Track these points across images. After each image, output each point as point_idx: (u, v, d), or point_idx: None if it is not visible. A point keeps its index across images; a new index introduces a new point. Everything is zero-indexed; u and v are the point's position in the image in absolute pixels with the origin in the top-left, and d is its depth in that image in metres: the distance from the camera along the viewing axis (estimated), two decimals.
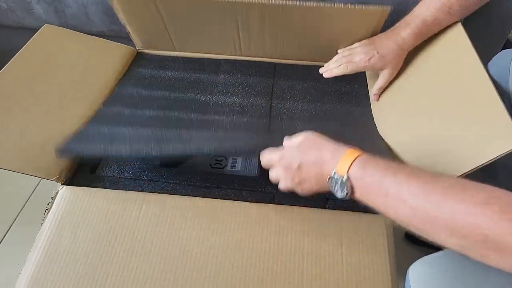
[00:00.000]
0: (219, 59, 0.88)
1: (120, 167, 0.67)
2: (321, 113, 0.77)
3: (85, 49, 0.81)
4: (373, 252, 0.55)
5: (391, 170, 0.41)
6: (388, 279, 0.53)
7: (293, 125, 0.74)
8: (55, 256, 0.55)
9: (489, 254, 0.34)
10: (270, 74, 0.86)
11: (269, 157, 0.55)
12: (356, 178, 0.43)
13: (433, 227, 0.37)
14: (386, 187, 0.40)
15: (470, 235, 0.34)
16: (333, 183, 0.46)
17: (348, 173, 0.44)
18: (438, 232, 0.37)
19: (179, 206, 0.60)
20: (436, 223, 0.37)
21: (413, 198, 0.38)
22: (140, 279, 0.53)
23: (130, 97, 0.77)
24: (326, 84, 0.82)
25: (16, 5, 0.95)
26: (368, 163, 0.43)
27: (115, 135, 0.65)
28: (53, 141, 0.65)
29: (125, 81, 0.82)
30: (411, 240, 0.92)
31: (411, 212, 0.38)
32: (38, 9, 0.94)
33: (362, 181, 0.43)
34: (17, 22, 0.99)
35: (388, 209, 0.41)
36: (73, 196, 0.61)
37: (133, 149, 0.60)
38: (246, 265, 0.54)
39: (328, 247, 0.56)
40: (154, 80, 0.82)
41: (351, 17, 0.74)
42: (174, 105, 0.76)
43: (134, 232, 0.57)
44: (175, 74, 0.84)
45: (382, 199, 0.41)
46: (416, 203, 0.38)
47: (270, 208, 0.60)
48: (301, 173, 0.50)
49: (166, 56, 0.89)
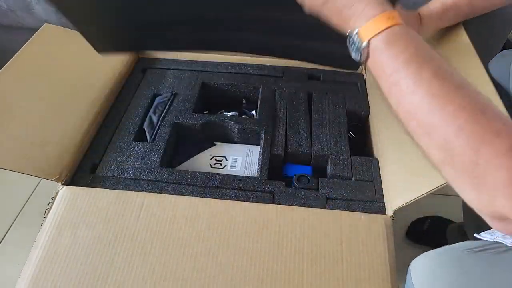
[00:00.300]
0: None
1: (120, 167, 0.67)
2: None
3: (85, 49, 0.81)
4: (373, 252, 0.55)
5: (419, 59, 0.35)
6: (387, 279, 0.53)
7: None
8: (55, 256, 0.55)
9: (466, 186, 0.32)
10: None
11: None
12: (375, 49, 0.37)
13: (428, 136, 0.34)
14: (400, 77, 0.35)
15: (462, 155, 0.31)
16: (350, 41, 0.39)
17: (369, 41, 0.37)
18: (430, 142, 0.34)
19: (179, 206, 0.60)
20: (433, 134, 0.33)
21: (426, 101, 0.33)
22: (140, 279, 0.53)
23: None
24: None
25: (16, 5, 0.95)
26: (398, 39, 0.36)
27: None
28: (53, 141, 0.65)
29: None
30: (411, 239, 0.92)
31: (414, 111, 0.34)
32: (38, 9, 0.94)
33: (380, 56, 0.36)
34: (17, 22, 0.99)
35: (391, 95, 0.36)
36: (73, 196, 0.61)
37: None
38: (246, 265, 0.54)
39: (328, 247, 0.56)
40: None
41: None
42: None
43: (134, 232, 0.57)
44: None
45: (389, 84, 0.36)
46: (426, 109, 0.33)
47: (270, 208, 0.60)
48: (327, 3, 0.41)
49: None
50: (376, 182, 0.65)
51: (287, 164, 0.72)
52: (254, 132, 0.75)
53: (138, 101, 0.80)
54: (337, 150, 0.71)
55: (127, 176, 0.66)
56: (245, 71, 0.87)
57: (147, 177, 0.65)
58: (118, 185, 0.64)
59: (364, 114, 0.79)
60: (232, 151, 0.76)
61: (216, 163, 0.74)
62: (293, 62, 0.88)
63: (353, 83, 0.85)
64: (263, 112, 0.77)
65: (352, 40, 0.39)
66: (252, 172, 0.72)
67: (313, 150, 0.71)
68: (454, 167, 0.32)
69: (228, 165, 0.74)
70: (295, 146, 0.71)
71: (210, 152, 0.76)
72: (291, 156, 0.72)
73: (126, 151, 0.70)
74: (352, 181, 0.65)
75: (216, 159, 0.75)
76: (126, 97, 0.81)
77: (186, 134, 0.78)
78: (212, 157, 0.75)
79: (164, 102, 0.79)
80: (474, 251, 0.49)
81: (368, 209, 0.61)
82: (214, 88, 0.86)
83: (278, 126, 0.75)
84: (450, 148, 0.32)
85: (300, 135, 0.73)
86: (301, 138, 0.73)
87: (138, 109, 0.78)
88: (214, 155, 0.76)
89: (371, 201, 0.63)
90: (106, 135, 0.73)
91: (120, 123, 0.75)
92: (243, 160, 0.75)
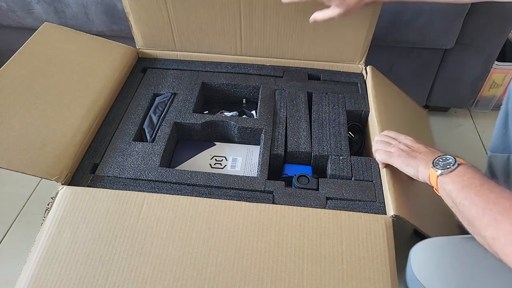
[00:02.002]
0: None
1: (120, 167, 0.67)
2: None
3: (85, 48, 0.81)
4: (373, 252, 0.55)
5: (481, 179, 0.48)
6: (388, 279, 0.53)
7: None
8: (55, 256, 0.55)
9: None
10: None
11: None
12: (464, 167, 0.50)
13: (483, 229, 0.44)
14: (478, 189, 0.47)
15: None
16: (440, 159, 0.53)
17: (463, 163, 0.51)
18: (482, 224, 0.44)
19: (179, 206, 0.60)
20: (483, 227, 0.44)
21: (484, 199, 0.45)
22: (140, 279, 0.53)
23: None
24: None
25: (16, 5, 0.95)
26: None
27: None
28: (53, 141, 0.65)
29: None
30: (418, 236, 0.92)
31: (479, 214, 0.45)
32: (38, 9, 0.94)
33: (467, 172, 0.49)
34: (17, 22, 0.99)
35: (460, 194, 0.48)
36: (73, 196, 0.61)
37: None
38: (246, 265, 0.54)
39: (328, 247, 0.56)
40: None
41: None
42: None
43: (134, 232, 0.57)
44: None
45: (461, 186, 0.48)
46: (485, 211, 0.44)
47: (270, 208, 0.60)
48: (411, 149, 0.60)
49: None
50: (376, 182, 0.65)
51: (287, 164, 0.72)
52: (254, 132, 0.75)
53: (138, 101, 0.80)
54: (337, 150, 0.71)
55: (127, 176, 0.66)
56: (245, 71, 0.87)
57: (147, 177, 0.65)
58: (118, 185, 0.64)
59: (364, 114, 0.79)
60: (232, 151, 0.76)
61: (216, 163, 0.74)
62: (293, 62, 0.88)
63: (353, 83, 0.85)
64: (263, 112, 0.77)
65: (443, 159, 0.53)
66: (252, 172, 0.72)
67: (313, 150, 0.71)
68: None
69: (228, 165, 0.74)
70: (295, 146, 0.71)
71: (210, 152, 0.76)
72: (291, 156, 0.72)
73: (126, 151, 0.70)
74: (352, 181, 0.65)
75: (216, 159, 0.75)
76: (126, 97, 0.81)
77: (186, 134, 0.78)
78: (212, 157, 0.75)
79: (164, 102, 0.79)
80: (473, 237, 0.50)
81: (368, 209, 0.61)
82: (214, 88, 0.86)
83: (278, 126, 0.75)
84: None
85: (300, 135, 0.73)
86: (301, 138, 0.73)
87: (138, 109, 0.78)
88: (214, 155, 0.76)
89: (371, 201, 0.63)
90: (106, 135, 0.73)
91: (120, 123, 0.75)
92: (243, 160, 0.75)
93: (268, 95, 0.81)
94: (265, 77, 0.86)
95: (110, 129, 0.74)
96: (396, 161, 0.61)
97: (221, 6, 0.79)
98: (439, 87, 1.08)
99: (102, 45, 0.84)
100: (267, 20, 0.80)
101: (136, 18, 0.84)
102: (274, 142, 0.72)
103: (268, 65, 0.88)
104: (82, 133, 0.69)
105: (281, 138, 0.73)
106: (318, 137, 0.73)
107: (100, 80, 0.79)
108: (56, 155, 0.64)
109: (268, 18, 0.80)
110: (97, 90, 0.77)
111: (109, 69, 0.82)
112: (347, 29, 0.80)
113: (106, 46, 0.85)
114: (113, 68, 0.83)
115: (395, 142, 0.64)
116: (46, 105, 0.68)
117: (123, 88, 0.83)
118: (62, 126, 0.68)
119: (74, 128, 0.69)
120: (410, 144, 0.62)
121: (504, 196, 0.44)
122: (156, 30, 0.85)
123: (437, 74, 1.04)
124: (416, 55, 0.99)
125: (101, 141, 0.72)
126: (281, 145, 0.71)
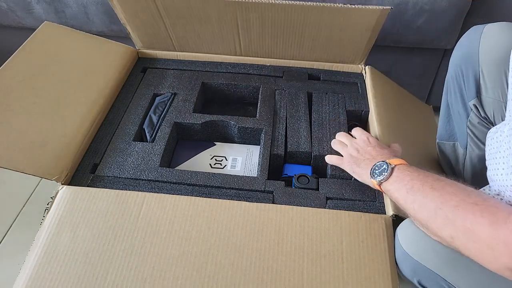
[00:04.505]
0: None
1: (120, 167, 0.67)
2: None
3: (85, 48, 0.81)
4: (373, 252, 0.55)
5: (421, 178, 0.49)
6: (388, 279, 0.53)
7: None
8: (55, 256, 0.55)
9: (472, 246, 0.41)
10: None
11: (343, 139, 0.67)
12: (400, 170, 0.52)
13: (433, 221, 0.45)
14: (415, 188, 0.48)
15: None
16: (375, 167, 0.55)
17: (397, 165, 0.53)
18: (437, 226, 0.45)
19: (179, 206, 0.60)
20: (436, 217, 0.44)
21: (430, 199, 0.46)
22: (140, 279, 0.53)
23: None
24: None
25: (16, 5, 0.95)
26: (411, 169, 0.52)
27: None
28: (53, 141, 0.65)
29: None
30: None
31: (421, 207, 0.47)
32: (38, 9, 0.94)
33: (405, 175, 0.51)
34: (17, 22, 0.99)
35: (407, 200, 0.49)
36: (73, 196, 0.61)
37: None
38: (246, 264, 0.54)
39: (328, 247, 0.56)
40: None
41: (351, 16, 0.74)
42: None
43: (134, 231, 0.57)
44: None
45: (405, 191, 0.49)
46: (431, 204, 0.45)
47: (270, 208, 0.60)
48: (360, 154, 0.61)
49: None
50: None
51: (287, 164, 0.72)
52: (254, 132, 0.75)
53: (138, 101, 0.80)
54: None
55: (127, 176, 0.66)
56: (245, 71, 0.87)
57: (147, 177, 0.65)
58: (118, 185, 0.64)
59: (364, 114, 0.79)
60: (232, 151, 0.76)
61: (216, 163, 0.74)
62: (293, 62, 0.88)
63: (353, 83, 0.85)
64: (263, 112, 0.77)
65: (378, 165, 0.55)
66: (252, 172, 0.72)
67: (313, 150, 0.71)
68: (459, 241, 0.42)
69: (228, 165, 0.74)
70: (295, 146, 0.71)
71: (210, 152, 0.76)
72: (291, 156, 0.72)
73: (126, 151, 0.70)
74: (352, 181, 0.65)
75: (216, 159, 0.75)
76: (126, 97, 0.81)
77: (186, 134, 0.78)
78: (212, 157, 0.75)
79: (164, 102, 0.79)
80: None
81: (368, 209, 0.61)
82: (214, 88, 0.86)
83: (278, 126, 0.75)
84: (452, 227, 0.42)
85: (300, 135, 0.73)
86: (301, 138, 0.73)
87: (138, 109, 0.78)
88: (214, 155, 0.76)
89: (371, 201, 0.62)
90: (106, 135, 0.73)
91: (120, 123, 0.75)
92: (243, 160, 0.75)
93: (268, 95, 0.81)
94: (265, 77, 0.86)
95: (110, 129, 0.74)
96: (346, 167, 0.63)
97: (217, 20, 0.79)
98: (439, 87, 1.08)
99: (102, 45, 0.84)
100: (265, 35, 0.81)
101: (133, 28, 0.85)
102: (274, 142, 0.72)
103: (268, 65, 0.88)
104: (82, 133, 0.69)
105: (281, 138, 0.73)
106: (318, 137, 0.73)
107: (100, 80, 0.79)
108: (56, 155, 0.64)
109: (266, 30, 0.80)
110: (97, 90, 0.77)
111: (109, 69, 0.82)
112: (349, 35, 0.79)
113: (106, 46, 0.85)
114: (113, 68, 0.83)
115: (349, 142, 0.65)
116: (46, 105, 0.68)
117: (123, 88, 0.83)
118: (62, 126, 0.68)
119: (74, 128, 0.69)
120: (361, 146, 0.62)
121: (447, 191, 0.45)
122: (154, 36, 0.86)
123: (437, 74, 1.04)
124: (416, 55, 0.99)
125: (101, 141, 0.72)
126: (281, 145, 0.71)
